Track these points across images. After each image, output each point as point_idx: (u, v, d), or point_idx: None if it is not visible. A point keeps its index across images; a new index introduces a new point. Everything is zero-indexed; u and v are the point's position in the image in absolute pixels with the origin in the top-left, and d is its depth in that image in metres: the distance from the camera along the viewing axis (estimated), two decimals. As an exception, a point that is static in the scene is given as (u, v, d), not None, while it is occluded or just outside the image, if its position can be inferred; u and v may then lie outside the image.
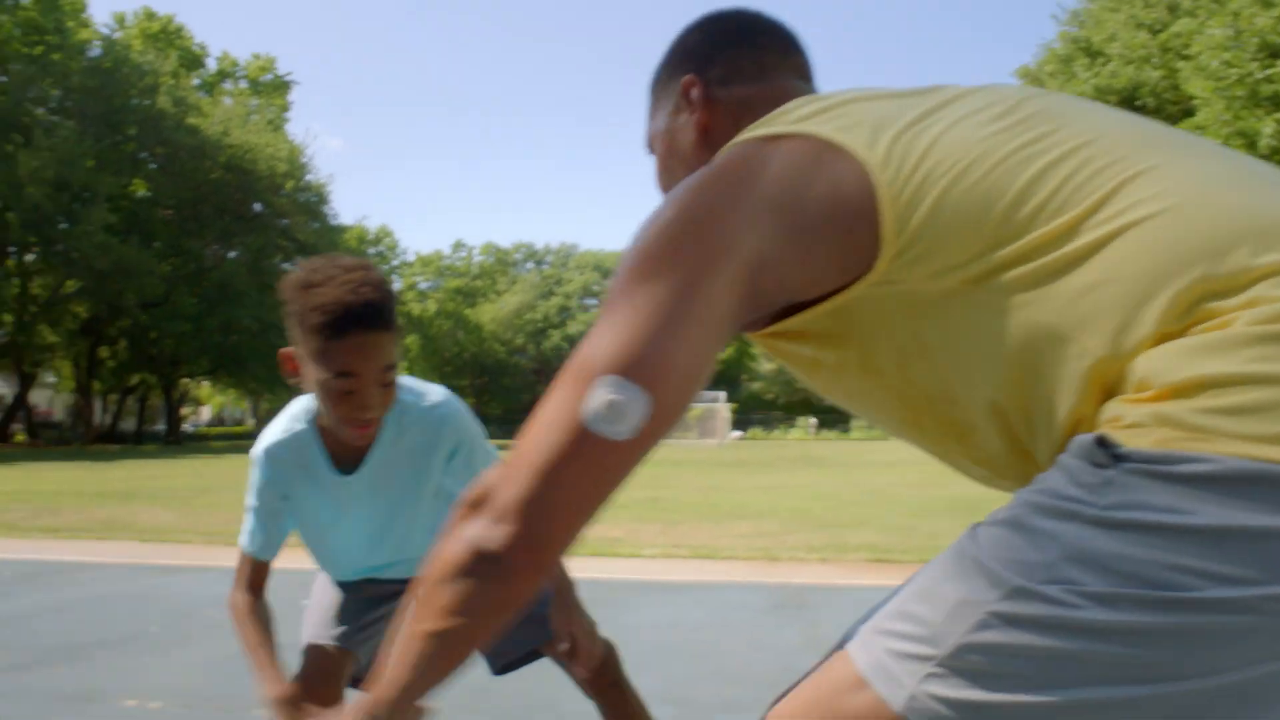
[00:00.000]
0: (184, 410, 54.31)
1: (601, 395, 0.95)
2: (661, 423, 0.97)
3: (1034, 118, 1.02)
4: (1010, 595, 0.85)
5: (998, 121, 1.02)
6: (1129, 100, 25.64)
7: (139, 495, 13.96)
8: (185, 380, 48.73)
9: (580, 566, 2.42)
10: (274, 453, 2.14)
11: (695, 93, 1.31)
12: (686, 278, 0.98)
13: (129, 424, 49.85)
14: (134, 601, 6.00)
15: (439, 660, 1.04)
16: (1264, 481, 0.80)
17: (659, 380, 0.96)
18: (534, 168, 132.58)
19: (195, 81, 47.78)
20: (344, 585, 2.38)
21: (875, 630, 0.96)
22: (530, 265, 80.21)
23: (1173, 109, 24.86)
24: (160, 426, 52.93)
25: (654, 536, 9.67)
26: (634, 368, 0.96)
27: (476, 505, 1.00)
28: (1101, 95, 25.52)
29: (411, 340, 66.47)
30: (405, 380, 2.16)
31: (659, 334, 0.96)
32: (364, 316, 1.85)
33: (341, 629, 2.29)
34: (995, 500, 0.97)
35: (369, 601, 2.36)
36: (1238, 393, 0.83)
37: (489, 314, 71.63)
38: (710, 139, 1.29)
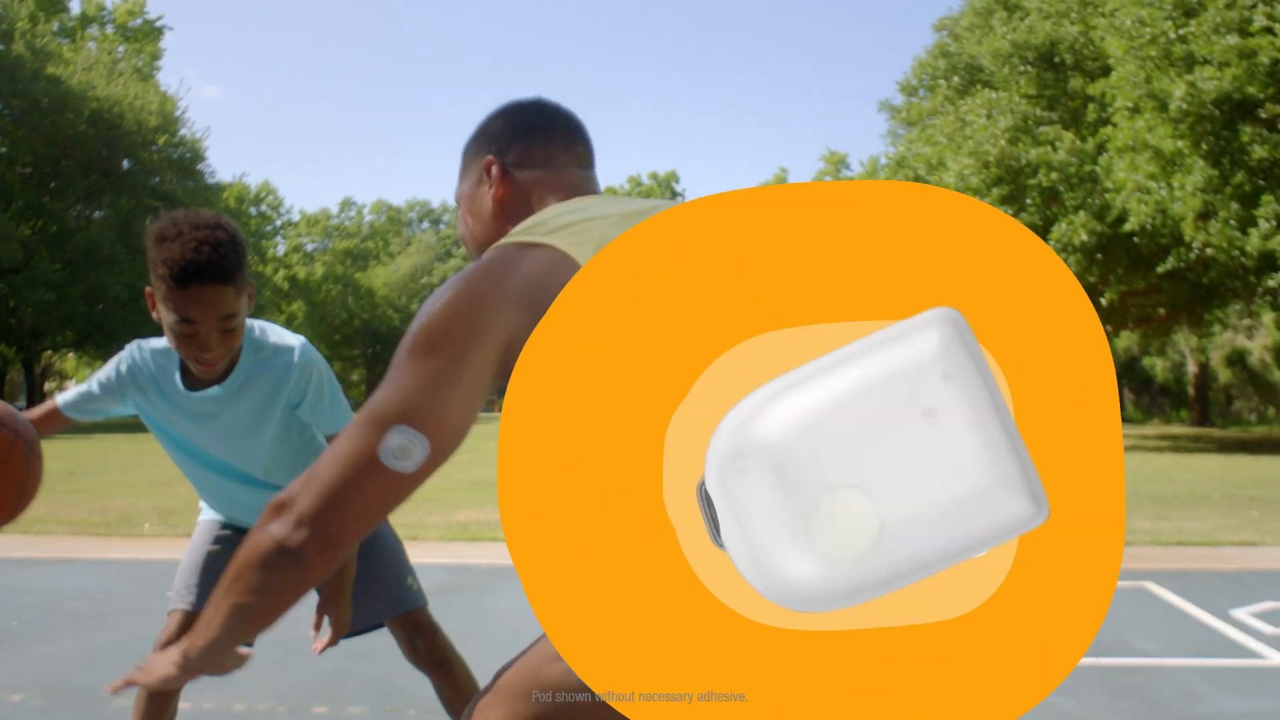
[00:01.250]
0: (48, 386, 53.35)
1: (394, 438, 1.34)
2: (435, 461, 1.37)
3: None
4: None
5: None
6: (1047, 57, 25.93)
7: (-2, 481, 13.90)
8: (48, 353, 47.88)
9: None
10: (139, 353, 2.57)
11: (494, 171, 1.73)
12: (457, 352, 1.37)
13: (-14, 401, 48.79)
14: (-7, 596, 6.28)
15: (244, 625, 1.43)
16: None
17: (436, 429, 1.35)
18: (428, 123, 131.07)
19: (55, 27, 46.73)
20: (221, 533, 2.77)
21: None
22: (426, 225, 79.46)
23: (1091, 65, 25.17)
24: (20, 404, 51.99)
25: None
26: (418, 419, 1.34)
27: (282, 508, 1.36)
28: (1019, 50, 25.63)
29: (297, 306, 65.61)
30: (269, 326, 2.58)
31: (437, 394, 1.35)
32: (204, 272, 2.26)
33: (197, 593, 2.66)
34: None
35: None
36: None
37: (381, 278, 70.71)
38: (504, 210, 1.72)
